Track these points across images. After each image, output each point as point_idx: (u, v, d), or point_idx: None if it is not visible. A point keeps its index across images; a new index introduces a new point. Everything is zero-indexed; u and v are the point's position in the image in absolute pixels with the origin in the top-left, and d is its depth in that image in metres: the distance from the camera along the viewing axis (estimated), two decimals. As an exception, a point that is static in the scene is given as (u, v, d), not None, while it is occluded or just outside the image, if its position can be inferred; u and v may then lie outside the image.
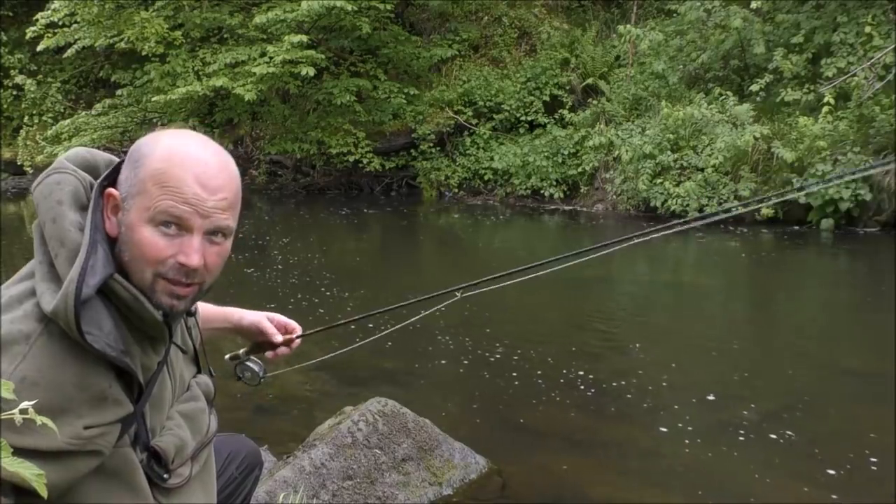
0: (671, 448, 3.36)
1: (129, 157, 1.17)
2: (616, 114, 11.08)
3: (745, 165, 9.39)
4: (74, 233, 1.10)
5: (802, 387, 4.09)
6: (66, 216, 1.11)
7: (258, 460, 1.70)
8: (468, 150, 12.08)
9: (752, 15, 10.00)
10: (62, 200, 1.13)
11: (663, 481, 3.11)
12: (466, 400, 4.00)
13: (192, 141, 1.18)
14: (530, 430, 3.60)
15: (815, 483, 3.03)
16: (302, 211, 11.43)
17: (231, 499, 1.62)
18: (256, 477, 1.69)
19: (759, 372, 4.36)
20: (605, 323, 5.46)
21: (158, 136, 1.18)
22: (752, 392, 3.99)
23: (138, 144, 1.18)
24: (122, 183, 1.16)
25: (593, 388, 4.06)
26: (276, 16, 11.18)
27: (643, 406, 3.88)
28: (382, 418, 2.96)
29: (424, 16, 13.52)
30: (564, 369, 4.32)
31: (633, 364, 4.51)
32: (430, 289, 1.85)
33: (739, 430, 3.50)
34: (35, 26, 12.34)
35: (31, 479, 0.84)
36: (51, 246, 1.10)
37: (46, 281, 1.08)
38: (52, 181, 1.15)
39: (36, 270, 1.11)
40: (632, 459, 3.30)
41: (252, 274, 7.00)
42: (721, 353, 4.73)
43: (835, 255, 8.04)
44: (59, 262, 1.08)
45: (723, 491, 2.99)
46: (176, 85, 11.83)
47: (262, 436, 3.33)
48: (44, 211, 1.13)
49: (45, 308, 1.05)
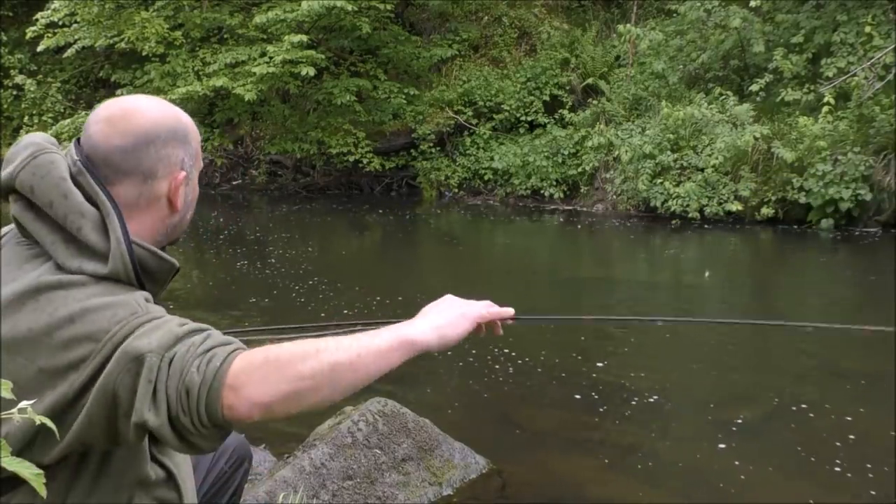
0: (671, 448, 3.36)
1: (172, 136, 1.26)
2: (616, 114, 11.07)
3: (745, 165, 9.39)
4: (88, 205, 1.18)
5: (802, 387, 4.09)
6: (74, 191, 1.18)
7: (247, 453, 1.70)
8: (468, 150, 12.08)
9: (751, 15, 10.00)
10: (65, 177, 1.18)
11: (663, 481, 3.11)
12: (466, 400, 4.00)
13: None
14: (530, 430, 3.60)
15: (815, 483, 3.03)
16: (302, 211, 11.43)
17: (222, 492, 1.62)
18: (246, 470, 1.70)
19: (759, 372, 4.37)
20: (605, 322, 5.45)
21: (173, 108, 1.31)
22: (752, 392, 3.99)
23: (177, 120, 1.29)
24: (185, 161, 1.28)
25: (593, 389, 4.06)
26: (276, 16, 11.17)
27: (643, 406, 3.88)
28: (382, 418, 2.96)
29: (424, 16, 13.51)
30: (564, 369, 4.32)
31: (633, 364, 4.51)
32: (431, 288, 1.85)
33: (739, 430, 3.50)
34: (35, 26, 12.32)
35: (31, 479, 0.84)
36: (70, 220, 1.16)
37: (76, 254, 1.15)
38: (46, 161, 1.19)
39: (49, 249, 1.16)
40: (632, 459, 3.30)
41: (252, 273, 7.00)
42: (721, 353, 4.73)
43: (835, 255, 8.04)
44: (86, 231, 1.16)
45: (722, 491, 2.99)
46: (176, 85, 11.82)
47: (262, 436, 3.33)
48: (46, 190, 1.17)
49: (99, 272, 1.15)
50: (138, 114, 1.25)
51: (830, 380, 4.27)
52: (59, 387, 1.10)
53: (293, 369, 1.08)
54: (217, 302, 5.95)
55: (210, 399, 1.05)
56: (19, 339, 1.12)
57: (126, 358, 1.07)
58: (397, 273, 7.48)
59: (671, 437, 3.46)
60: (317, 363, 1.09)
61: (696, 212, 9.25)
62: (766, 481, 3.04)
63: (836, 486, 3.00)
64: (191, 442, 1.09)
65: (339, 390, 1.12)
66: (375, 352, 1.13)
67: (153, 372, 1.06)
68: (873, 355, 4.68)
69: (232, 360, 1.07)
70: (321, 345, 1.11)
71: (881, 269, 7.31)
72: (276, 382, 1.06)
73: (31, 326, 1.12)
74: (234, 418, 1.07)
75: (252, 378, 1.06)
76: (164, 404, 1.06)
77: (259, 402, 1.06)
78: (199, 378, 1.05)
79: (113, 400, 1.08)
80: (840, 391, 4.10)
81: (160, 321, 1.12)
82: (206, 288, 6.56)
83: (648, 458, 3.30)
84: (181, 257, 7.91)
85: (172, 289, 6.18)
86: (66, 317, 1.11)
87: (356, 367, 1.11)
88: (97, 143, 1.23)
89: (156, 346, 1.07)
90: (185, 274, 7.15)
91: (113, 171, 1.22)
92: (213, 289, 6.53)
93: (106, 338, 1.09)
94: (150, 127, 1.24)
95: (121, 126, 1.23)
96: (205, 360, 1.06)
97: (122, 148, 1.22)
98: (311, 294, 6.08)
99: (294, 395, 1.08)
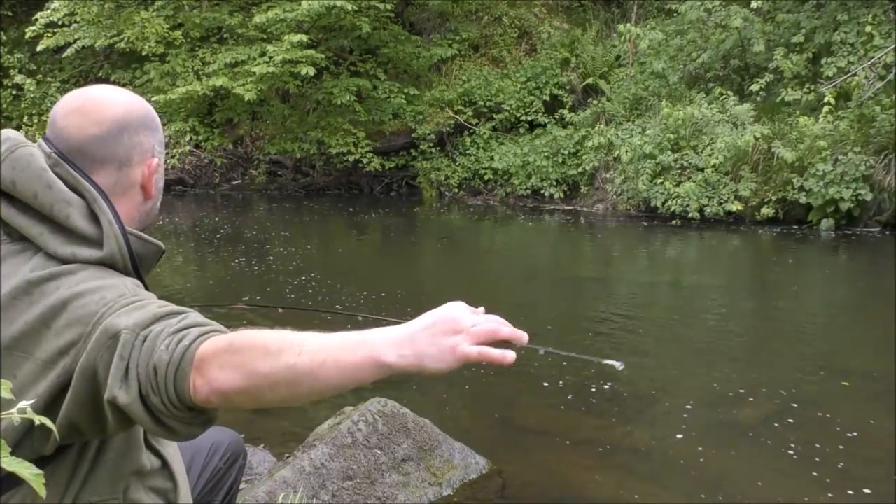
0: (671, 448, 3.36)
1: (142, 124, 1.28)
2: (616, 113, 11.07)
3: (745, 165, 9.39)
4: (72, 193, 1.19)
5: (802, 386, 4.08)
6: (57, 181, 1.19)
7: (241, 450, 1.70)
8: (468, 150, 12.08)
9: (752, 14, 10.00)
10: (45, 168, 1.20)
11: (663, 481, 3.10)
12: (466, 400, 4.00)
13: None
14: (530, 430, 3.60)
15: (815, 483, 3.02)
16: (302, 211, 11.43)
17: (217, 489, 1.62)
18: (241, 466, 1.69)
19: (759, 372, 4.36)
20: (605, 323, 5.45)
21: (133, 95, 1.32)
22: (752, 392, 3.98)
23: (145, 108, 1.31)
24: (155, 148, 1.31)
25: (593, 389, 4.06)
26: (275, 15, 11.17)
27: (643, 406, 3.87)
28: (382, 418, 2.95)
29: (424, 15, 13.51)
30: (564, 369, 4.31)
31: (633, 364, 4.50)
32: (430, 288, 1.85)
33: (739, 430, 3.49)
34: (34, 26, 12.33)
35: (30, 480, 0.83)
36: (57, 209, 1.17)
37: (67, 242, 1.16)
38: (24, 154, 1.20)
39: (37, 241, 1.17)
40: (632, 459, 3.29)
41: (251, 273, 7.00)
42: (721, 352, 4.73)
43: (835, 255, 8.03)
44: (75, 219, 1.17)
45: (723, 491, 2.99)
46: (176, 85, 11.82)
47: (262, 436, 3.33)
48: (28, 182, 1.18)
49: (94, 257, 1.17)
50: (109, 102, 1.26)
51: (830, 380, 4.27)
52: (52, 374, 1.10)
53: (250, 364, 1.01)
54: (217, 300, 5.95)
55: (178, 379, 1.02)
56: (17, 335, 1.13)
57: (105, 335, 1.07)
58: (397, 273, 7.47)
59: (671, 437, 3.45)
60: (275, 363, 1.01)
61: (697, 212, 9.25)
62: (767, 481, 3.03)
63: (836, 486, 2.99)
64: (166, 424, 1.05)
65: (300, 394, 1.04)
66: (343, 366, 1.01)
67: (126, 349, 1.04)
68: (873, 355, 4.68)
69: (202, 341, 1.04)
70: (287, 343, 1.02)
71: (881, 269, 7.31)
72: (232, 373, 1.01)
73: (27, 320, 1.12)
74: (199, 401, 1.03)
75: (213, 363, 1.02)
76: (135, 382, 1.03)
77: (216, 389, 1.01)
78: (167, 357, 1.02)
79: (94, 377, 1.07)
80: (840, 391, 4.09)
81: (143, 302, 1.12)
82: (207, 287, 6.55)
83: (648, 457, 3.30)
84: (181, 257, 7.91)
85: (172, 288, 6.19)
86: (58, 305, 1.11)
87: (317, 376, 1.01)
88: (71, 135, 1.23)
89: (132, 324, 1.06)
90: (185, 273, 7.15)
91: (89, 160, 1.23)
92: (215, 287, 6.53)
93: (94, 320, 1.09)
94: (123, 115, 1.26)
95: (95, 115, 1.24)
96: (175, 340, 1.04)
97: (98, 136, 1.23)
98: (311, 293, 6.07)
99: (249, 390, 1.02)
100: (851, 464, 3.15)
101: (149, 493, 1.27)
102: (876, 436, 3.43)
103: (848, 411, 3.73)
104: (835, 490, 2.97)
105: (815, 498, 2.92)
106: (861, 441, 3.36)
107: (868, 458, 3.20)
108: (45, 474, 0.82)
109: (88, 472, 1.19)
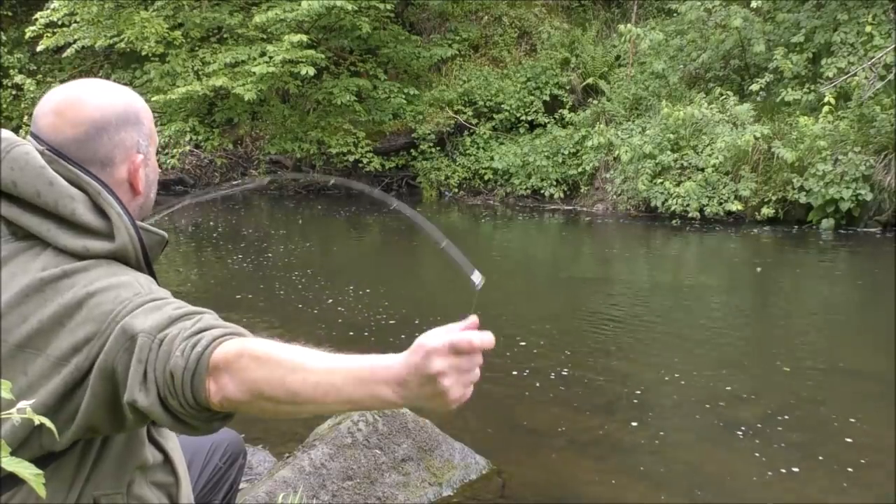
0: (671, 448, 3.36)
1: (122, 121, 1.26)
2: (616, 113, 11.07)
3: (745, 165, 9.39)
4: (74, 188, 1.18)
5: (802, 387, 4.08)
6: (58, 177, 1.18)
7: (241, 449, 1.70)
8: (468, 150, 12.07)
9: (752, 14, 9.99)
10: (44, 165, 1.18)
11: (663, 481, 3.10)
12: (466, 400, 3.99)
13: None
14: (530, 430, 3.60)
15: (815, 483, 3.02)
16: (301, 210, 11.43)
17: (217, 488, 1.62)
18: (241, 465, 1.70)
19: (759, 372, 4.36)
20: (606, 323, 5.45)
21: (121, 89, 1.30)
22: (752, 392, 3.98)
23: (126, 103, 1.28)
24: (140, 143, 1.28)
25: (593, 389, 4.06)
26: (275, 15, 11.17)
27: (643, 406, 3.87)
28: (382, 418, 2.95)
29: (424, 15, 13.50)
30: (565, 369, 4.31)
31: (633, 364, 4.50)
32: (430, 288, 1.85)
33: (739, 430, 3.49)
34: (34, 26, 12.32)
35: (30, 480, 0.83)
36: (62, 205, 1.16)
37: (78, 236, 1.16)
38: (21, 153, 1.18)
39: (46, 237, 1.16)
40: (632, 459, 3.29)
41: (251, 273, 6.99)
42: (721, 353, 4.73)
43: (835, 255, 8.03)
44: (81, 213, 1.16)
45: (723, 491, 2.99)
46: (176, 85, 11.81)
47: (262, 436, 3.33)
48: (29, 181, 1.16)
49: (106, 249, 1.17)
50: (85, 102, 1.24)
51: (830, 380, 4.27)
52: (65, 370, 1.10)
53: (256, 386, 1.03)
54: (217, 299, 5.94)
55: (195, 384, 1.04)
56: (31, 333, 1.12)
57: (124, 336, 1.08)
58: (396, 272, 7.47)
59: (671, 437, 3.45)
60: (280, 389, 1.02)
61: (697, 211, 9.25)
62: (766, 481, 3.03)
63: (836, 486, 2.99)
64: (185, 422, 1.08)
65: (303, 413, 1.07)
66: (346, 399, 1.03)
67: (144, 352, 1.06)
68: (873, 355, 4.68)
69: (215, 346, 1.05)
70: (296, 365, 1.03)
71: (881, 269, 7.31)
72: (240, 387, 1.03)
73: (41, 318, 1.12)
74: (214, 405, 1.05)
75: (224, 373, 1.04)
76: (153, 385, 1.05)
77: (226, 398, 1.04)
78: (182, 363, 1.04)
79: (112, 376, 1.08)
80: (840, 391, 4.09)
81: (160, 302, 1.13)
82: (207, 286, 6.55)
83: (648, 458, 3.30)
84: (181, 257, 7.91)
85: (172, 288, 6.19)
86: (73, 303, 1.12)
87: (320, 404, 1.04)
88: (49, 136, 1.22)
89: (149, 327, 1.07)
90: (184, 272, 7.15)
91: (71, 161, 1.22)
92: (215, 286, 6.53)
93: (110, 318, 1.10)
94: (100, 115, 1.23)
95: (70, 116, 1.22)
96: (189, 345, 1.05)
97: (75, 139, 1.22)
98: (311, 293, 6.07)
99: (254, 407, 1.05)
100: (851, 464, 3.15)
101: (151, 487, 1.27)
102: (876, 436, 3.43)
103: (848, 411, 3.73)
104: (835, 490, 2.97)
105: (814, 498, 2.92)
106: (861, 441, 3.36)
107: (868, 458, 3.20)
108: (50, 471, 0.82)
109: (93, 467, 1.19)
